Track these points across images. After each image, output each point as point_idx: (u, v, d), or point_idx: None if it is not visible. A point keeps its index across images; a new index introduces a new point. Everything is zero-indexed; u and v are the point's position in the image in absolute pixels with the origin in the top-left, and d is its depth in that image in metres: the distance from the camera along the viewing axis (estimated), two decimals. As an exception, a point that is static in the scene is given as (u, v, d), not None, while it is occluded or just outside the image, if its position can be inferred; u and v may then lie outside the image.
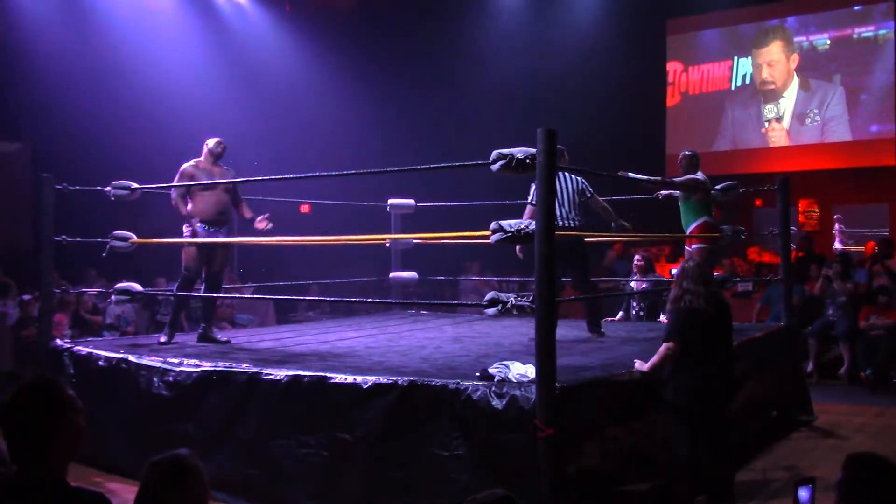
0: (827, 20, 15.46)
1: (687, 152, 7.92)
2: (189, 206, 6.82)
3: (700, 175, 7.70)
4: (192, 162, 6.87)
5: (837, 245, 12.85)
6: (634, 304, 9.39)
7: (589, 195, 6.90)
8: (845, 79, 15.20)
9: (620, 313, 9.39)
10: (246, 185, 7.79)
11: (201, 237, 6.76)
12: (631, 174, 7.28)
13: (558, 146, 5.92)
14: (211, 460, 4.91)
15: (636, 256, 9.64)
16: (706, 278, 5.02)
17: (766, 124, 15.94)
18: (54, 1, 12.11)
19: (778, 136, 15.86)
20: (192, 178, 6.79)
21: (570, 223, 6.71)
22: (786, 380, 7.32)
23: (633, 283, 9.66)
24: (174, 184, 6.79)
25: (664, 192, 8.04)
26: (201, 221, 6.80)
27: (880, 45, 14.90)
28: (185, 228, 6.81)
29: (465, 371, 5.02)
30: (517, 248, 6.67)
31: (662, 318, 8.40)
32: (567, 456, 4.28)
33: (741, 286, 11.31)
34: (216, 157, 6.95)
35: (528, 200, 6.49)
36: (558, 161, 6.60)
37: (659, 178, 7.80)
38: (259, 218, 6.93)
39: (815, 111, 15.42)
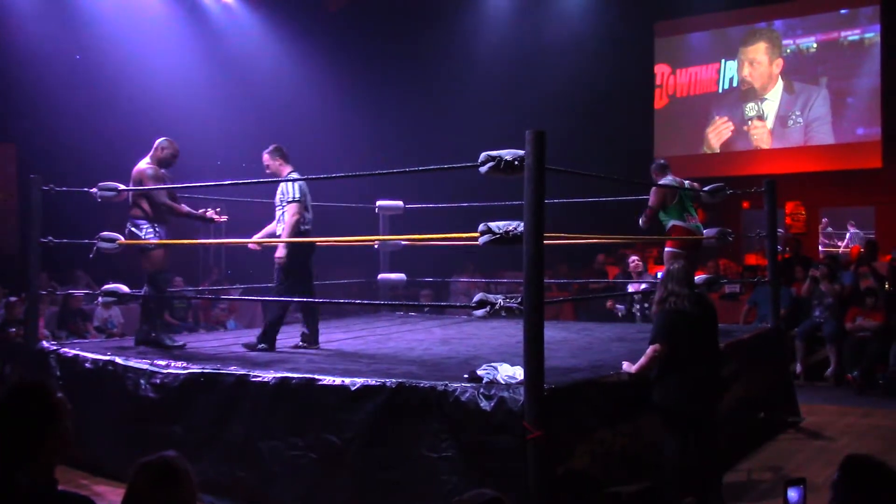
0: (814, 23, 15.55)
1: (658, 161, 8.08)
2: (148, 208, 6.67)
3: (668, 179, 7.70)
4: (150, 162, 6.74)
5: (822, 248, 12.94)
6: (637, 305, 9.40)
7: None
8: (832, 82, 15.29)
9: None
10: (234, 187, 7.74)
11: (164, 238, 6.71)
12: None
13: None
14: (199, 462, 4.89)
15: (631, 259, 9.63)
16: (690, 281, 5.04)
17: (749, 122, 16.02)
18: (42, 2, 12.06)
19: (761, 136, 15.93)
20: (161, 180, 6.71)
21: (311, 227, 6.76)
22: (773, 381, 7.36)
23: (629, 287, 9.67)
24: (161, 186, 6.66)
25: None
26: (161, 223, 6.73)
27: (866, 49, 15.00)
28: (146, 231, 6.61)
29: (454, 373, 5.02)
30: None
31: None
32: (555, 457, 4.29)
33: (728, 288, 11.34)
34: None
35: (294, 198, 6.50)
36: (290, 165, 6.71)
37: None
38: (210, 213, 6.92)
39: (798, 113, 15.51)
